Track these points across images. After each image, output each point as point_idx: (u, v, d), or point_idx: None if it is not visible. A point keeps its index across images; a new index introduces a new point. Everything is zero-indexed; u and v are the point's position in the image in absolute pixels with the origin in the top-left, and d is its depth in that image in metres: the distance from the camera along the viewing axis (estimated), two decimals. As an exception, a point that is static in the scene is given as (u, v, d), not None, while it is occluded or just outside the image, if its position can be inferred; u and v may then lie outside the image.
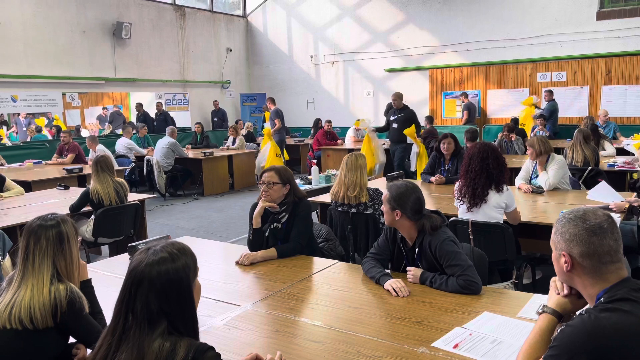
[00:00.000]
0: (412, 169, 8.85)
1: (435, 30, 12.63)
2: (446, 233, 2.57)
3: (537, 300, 2.26)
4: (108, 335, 1.48)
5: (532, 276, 4.15)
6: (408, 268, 2.60)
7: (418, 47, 12.90)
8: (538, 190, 4.73)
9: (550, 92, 10.76)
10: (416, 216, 2.58)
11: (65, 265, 2.02)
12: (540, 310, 1.64)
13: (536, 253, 4.18)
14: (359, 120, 10.24)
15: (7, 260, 3.75)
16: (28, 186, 6.43)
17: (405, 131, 8.28)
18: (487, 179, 3.58)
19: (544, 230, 3.70)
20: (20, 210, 4.90)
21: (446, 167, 5.63)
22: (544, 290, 1.77)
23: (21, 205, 5.11)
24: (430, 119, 11.03)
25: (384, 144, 9.52)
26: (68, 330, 1.97)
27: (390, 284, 2.46)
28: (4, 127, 12.89)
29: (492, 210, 3.60)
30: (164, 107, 13.00)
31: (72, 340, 2.01)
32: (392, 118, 8.72)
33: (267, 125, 10.18)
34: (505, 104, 12.07)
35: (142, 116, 12.43)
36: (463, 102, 12.15)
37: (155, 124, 12.36)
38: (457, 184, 3.81)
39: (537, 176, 4.91)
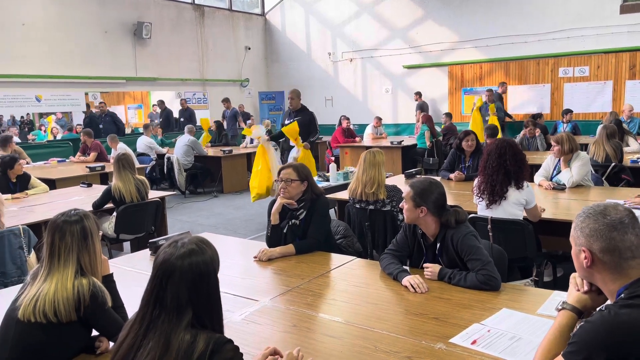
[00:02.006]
0: None
1: (455, 26, 12.52)
2: (468, 227, 2.56)
3: (557, 297, 2.23)
4: (135, 325, 1.52)
5: (552, 274, 4.09)
6: (425, 265, 2.59)
7: (437, 43, 12.80)
8: (559, 187, 4.66)
9: (491, 91, 10.85)
10: (440, 211, 2.58)
11: (90, 260, 2.06)
12: (560, 307, 1.62)
13: (558, 251, 4.12)
14: (249, 127, 7.51)
15: (32, 256, 3.85)
16: (52, 184, 6.56)
17: (284, 129, 6.67)
18: (505, 175, 3.55)
19: (565, 228, 3.63)
20: (45, 207, 5.01)
21: (467, 164, 5.59)
22: (565, 288, 1.75)
23: (46, 203, 5.23)
24: (448, 115, 10.95)
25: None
26: (91, 324, 2.01)
27: (408, 280, 2.45)
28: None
29: (511, 207, 3.56)
30: (166, 106, 12.87)
31: (94, 333, 2.06)
32: (286, 122, 7.10)
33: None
34: (526, 100, 11.92)
35: (88, 118, 11.41)
36: (416, 100, 12.59)
37: (102, 126, 11.15)
38: (476, 181, 3.78)
39: (558, 173, 4.84)
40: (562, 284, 3.73)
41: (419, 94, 12.80)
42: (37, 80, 10.55)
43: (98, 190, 5.51)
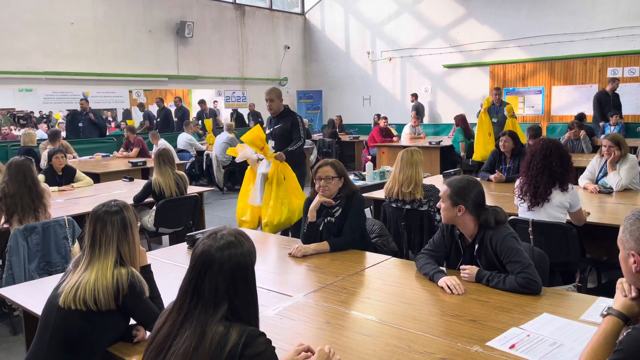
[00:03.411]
0: (257, 202, 4.99)
1: (498, 25, 12.23)
2: (508, 229, 2.49)
3: (602, 303, 2.14)
4: (173, 313, 1.55)
5: (597, 280, 3.94)
6: (462, 266, 2.53)
7: (479, 42, 12.54)
8: (606, 191, 4.48)
9: (500, 90, 9.61)
10: (479, 210, 2.51)
11: (129, 250, 2.11)
12: (605, 313, 1.55)
13: (602, 257, 3.96)
14: (232, 146, 5.74)
15: (76, 246, 3.98)
16: (97, 178, 6.78)
17: (243, 137, 4.88)
18: (549, 177, 3.42)
19: (612, 233, 3.48)
20: (89, 199, 5.17)
21: (507, 166, 5.45)
22: (610, 295, 1.67)
23: (90, 195, 5.40)
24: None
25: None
26: (129, 313, 2.05)
27: (445, 280, 2.40)
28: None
29: (555, 210, 3.44)
30: (165, 105, 12.29)
31: (132, 322, 2.10)
32: (267, 131, 5.56)
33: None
34: (571, 101, 11.53)
35: (71, 116, 10.55)
36: (412, 102, 13.04)
37: (81, 125, 10.15)
38: (517, 182, 3.67)
39: (604, 175, 4.65)
40: (606, 291, 3.58)
41: (414, 96, 13.15)
42: (84, 78, 10.92)
43: (139, 184, 5.66)
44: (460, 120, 9.93)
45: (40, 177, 5.25)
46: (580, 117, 9.04)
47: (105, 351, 2.00)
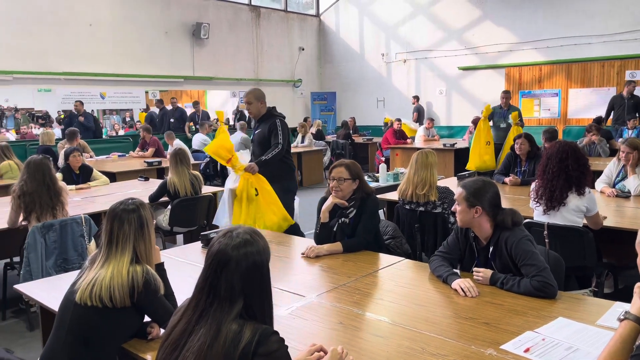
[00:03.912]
0: (222, 222, 4.61)
1: (514, 27, 12.14)
2: (523, 231, 2.47)
3: (618, 308, 2.11)
4: (189, 311, 1.56)
5: (614, 285, 3.88)
6: (476, 269, 2.51)
7: (494, 44, 12.45)
8: (623, 195, 4.42)
9: (508, 94, 8.87)
10: (495, 211, 2.50)
11: (145, 248, 2.13)
12: (622, 317, 1.53)
13: (619, 261, 3.90)
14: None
15: (92, 244, 4.03)
16: (113, 177, 6.86)
17: (207, 149, 4.34)
18: (565, 180, 3.38)
19: (630, 237, 3.43)
20: (105, 198, 5.23)
21: (522, 169, 5.41)
22: (627, 300, 1.65)
23: (106, 194, 5.47)
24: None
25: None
26: (143, 310, 2.07)
27: (459, 283, 2.39)
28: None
29: (571, 214, 3.40)
30: (164, 106, 12.27)
31: (146, 319, 2.12)
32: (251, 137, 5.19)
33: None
34: (588, 104, 11.39)
35: (68, 118, 10.33)
36: (413, 104, 13.48)
37: (75, 127, 9.13)
38: (533, 185, 3.63)
39: (622, 179, 4.59)
40: (623, 297, 3.52)
41: (416, 98, 13.46)
42: (101, 78, 11.06)
43: (155, 184, 5.70)
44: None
45: (58, 175, 5.33)
46: (598, 120, 8.91)
47: (120, 347, 2.02)
